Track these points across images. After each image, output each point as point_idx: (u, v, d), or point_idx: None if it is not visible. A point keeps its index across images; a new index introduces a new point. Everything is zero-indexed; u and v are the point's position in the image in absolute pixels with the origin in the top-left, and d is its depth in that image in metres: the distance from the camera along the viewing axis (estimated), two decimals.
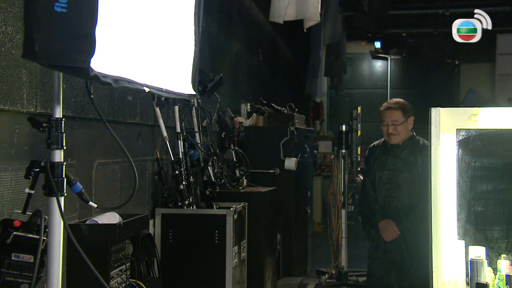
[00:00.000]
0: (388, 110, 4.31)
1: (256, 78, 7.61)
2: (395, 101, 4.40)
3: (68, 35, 1.60)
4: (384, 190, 4.34)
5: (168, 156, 4.15)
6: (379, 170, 4.36)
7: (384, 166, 4.34)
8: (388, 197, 4.32)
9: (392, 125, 4.26)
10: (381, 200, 4.35)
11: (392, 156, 4.33)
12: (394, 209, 4.29)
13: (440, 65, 16.21)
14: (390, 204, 4.30)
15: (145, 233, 3.29)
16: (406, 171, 4.26)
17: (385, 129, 4.31)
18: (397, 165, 4.29)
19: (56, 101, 1.87)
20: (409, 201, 4.24)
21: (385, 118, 4.32)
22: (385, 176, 4.33)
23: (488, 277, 2.41)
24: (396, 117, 4.27)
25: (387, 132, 4.29)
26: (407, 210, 4.24)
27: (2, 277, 2.04)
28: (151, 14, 2.16)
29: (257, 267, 4.66)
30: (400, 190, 4.28)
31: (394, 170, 4.30)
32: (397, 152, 4.32)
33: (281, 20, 6.65)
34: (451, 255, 2.49)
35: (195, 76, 2.54)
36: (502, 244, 2.60)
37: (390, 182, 4.31)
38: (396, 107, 4.29)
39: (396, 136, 4.27)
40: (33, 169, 1.91)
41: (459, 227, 2.55)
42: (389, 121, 4.28)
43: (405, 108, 4.29)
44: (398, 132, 4.27)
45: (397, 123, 4.25)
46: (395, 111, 4.28)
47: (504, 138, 2.59)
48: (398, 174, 4.28)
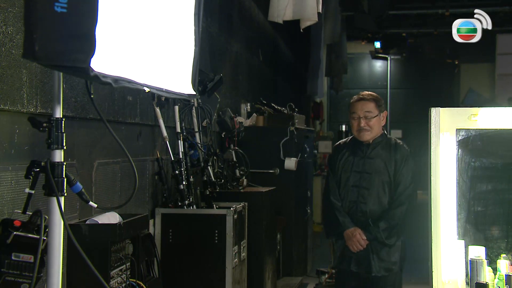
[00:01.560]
0: (360, 101, 3.79)
1: (256, 78, 7.61)
2: (367, 92, 3.89)
3: (68, 35, 1.60)
4: (350, 194, 3.81)
5: (168, 156, 4.15)
6: (345, 172, 3.84)
7: (351, 167, 3.82)
8: (355, 202, 3.79)
9: (365, 118, 3.74)
10: (347, 206, 3.82)
11: (361, 156, 3.81)
12: (362, 215, 3.77)
13: (440, 65, 16.22)
14: (357, 210, 3.78)
15: (145, 233, 3.29)
16: (376, 173, 3.76)
17: (356, 123, 3.77)
18: (367, 166, 3.79)
19: (56, 101, 1.87)
20: (380, 207, 3.75)
21: (356, 110, 3.78)
22: (352, 179, 3.80)
23: (488, 277, 2.41)
24: (369, 109, 3.76)
25: (358, 127, 3.76)
26: (377, 217, 3.74)
27: (2, 277, 2.04)
28: (151, 14, 2.16)
29: (257, 267, 4.66)
30: (369, 194, 3.76)
31: (363, 172, 3.79)
32: (366, 152, 3.80)
33: (280, 20, 6.65)
34: (451, 255, 2.49)
35: (195, 76, 2.54)
36: (501, 244, 2.60)
37: (358, 185, 3.79)
38: (369, 98, 3.79)
39: (368, 132, 3.75)
40: (33, 169, 1.91)
41: (459, 227, 2.55)
42: (361, 113, 3.75)
43: (378, 101, 3.82)
44: (371, 127, 3.75)
45: (371, 115, 3.74)
46: (368, 102, 3.77)
47: (504, 138, 2.60)
48: (367, 176, 3.77)
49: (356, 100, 3.83)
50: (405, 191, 3.70)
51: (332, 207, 3.83)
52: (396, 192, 3.71)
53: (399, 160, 3.73)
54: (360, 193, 3.78)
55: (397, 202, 3.70)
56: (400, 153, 3.74)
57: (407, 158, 3.74)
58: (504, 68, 14.52)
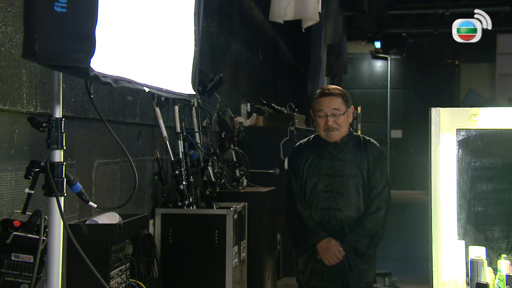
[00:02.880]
0: (327, 97, 3.37)
1: (256, 78, 7.61)
2: (333, 87, 3.48)
3: (68, 35, 1.60)
4: (322, 200, 3.38)
5: (168, 156, 4.15)
6: (312, 176, 3.41)
7: (319, 170, 3.40)
8: (327, 209, 3.36)
9: (332, 116, 3.33)
10: (318, 214, 3.38)
11: (329, 158, 3.40)
12: (336, 224, 3.35)
13: (440, 65, 16.24)
14: (331, 218, 3.36)
15: (145, 233, 3.29)
16: (348, 176, 3.37)
17: (323, 122, 3.36)
18: (337, 169, 3.39)
19: (56, 101, 1.87)
20: (356, 213, 3.35)
21: (322, 107, 3.35)
22: (321, 183, 3.39)
23: (488, 277, 2.41)
24: (337, 105, 3.35)
25: (326, 126, 3.35)
26: (353, 224, 3.34)
27: (2, 277, 2.04)
28: (151, 14, 2.16)
29: (257, 267, 4.66)
30: (343, 199, 3.35)
31: (334, 175, 3.38)
32: (334, 153, 3.40)
33: (281, 20, 6.65)
34: (451, 255, 2.49)
35: (195, 76, 2.54)
36: (502, 244, 2.60)
37: (329, 190, 3.37)
38: (336, 93, 3.39)
39: (337, 131, 3.35)
40: (33, 169, 1.90)
41: (459, 227, 2.55)
42: (328, 110, 3.34)
43: (345, 96, 3.42)
44: (339, 125, 3.35)
45: (339, 112, 3.34)
46: (335, 98, 3.37)
47: (504, 138, 2.59)
48: (339, 180, 3.37)
49: (321, 95, 3.40)
50: (381, 193, 3.35)
51: (300, 216, 3.39)
52: (372, 195, 3.35)
53: (372, 160, 3.38)
54: (333, 199, 3.36)
55: (374, 206, 3.33)
56: (372, 152, 3.40)
57: (379, 157, 3.40)
58: (504, 68, 14.54)
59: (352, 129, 3.50)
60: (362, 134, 3.55)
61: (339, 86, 3.57)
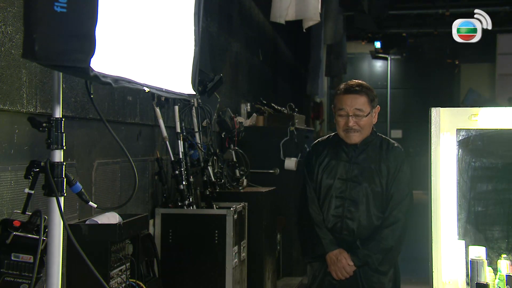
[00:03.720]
0: (350, 94, 3.06)
1: (256, 78, 7.61)
2: (357, 82, 3.14)
3: (68, 35, 1.60)
4: (334, 207, 3.10)
5: (168, 156, 4.15)
6: (327, 179, 3.13)
7: (335, 173, 3.12)
8: (339, 217, 3.08)
9: (355, 117, 3.05)
10: (329, 221, 3.11)
11: (346, 160, 3.12)
12: (348, 234, 3.07)
13: (440, 65, 16.24)
14: (342, 227, 3.08)
15: (145, 233, 3.29)
16: (365, 182, 3.08)
17: (343, 121, 3.07)
18: (354, 173, 3.09)
19: (56, 101, 1.87)
20: (370, 224, 3.06)
21: (344, 105, 3.06)
22: (335, 188, 3.10)
23: (489, 277, 2.40)
24: (361, 105, 3.05)
25: (346, 126, 3.06)
26: (367, 236, 3.06)
27: (2, 277, 2.04)
28: (151, 14, 2.16)
29: (257, 267, 4.66)
30: (357, 207, 3.07)
31: (349, 180, 3.09)
32: (353, 155, 3.11)
33: (283, 20, 6.66)
34: (451, 255, 2.49)
35: (195, 76, 2.54)
36: (502, 244, 2.59)
37: (343, 196, 3.09)
38: (361, 91, 3.07)
39: (357, 133, 3.07)
40: (33, 169, 1.90)
41: (459, 227, 2.55)
42: (350, 110, 3.04)
43: (371, 94, 3.10)
44: (361, 127, 3.06)
45: (362, 113, 3.05)
46: (359, 97, 3.06)
47: (504, 138, 2.59)
48: (355, 186, 3.08)
49: (345, 92, 3.09)
50: (401, 204, 3.06)
51: (311, 221, 3.12)
52: (390, 205, 3.06)
53: (393, 165, 3.09)
54: (346, 206, 3.08)
55: (392, 218, 3.04)
56: (393, 157, 3.11)
57: (402, 163, 3.11)
58: (504, 68, 14.55)
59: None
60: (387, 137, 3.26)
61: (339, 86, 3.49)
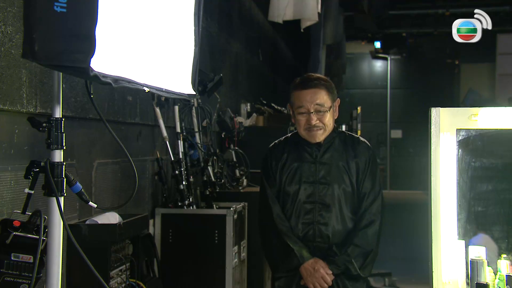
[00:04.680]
0: (309, 89, 2.80)
1: (256, 78, 7.60)
2: (315, 76, 2.89)
3: (68, 35, 1.59)
4: (304, 213, 2.83)
5: (168, 156, 4.15)
6: (291, 184, 2.86)
7: (300, 177, 2.85)
8: (311, 224, 2.82)
9: (316, 113, 2.78)
10: (299, 229, 2.83)
11: (311, 161, 2.85)
12: (322, 240, 2.82)
13: (440, 65, 16.25)
14: (315, 235, 2.82)
15: (145, 233, 3.30)
16: (335, 182, 2.83)
17: (304, 120, 2.80)
18: (321, 174, 2.84)
19: (56, 101, 1.87)
20: (344, 227, 2.82)
21: (304, 102, 2.79)
22: (303, 192, 2.84)
23: (489, 277, 2.40)
24: (322, 100, 2.79)
25: (307, 124, 2.80)
26: (342, 241, 2.81)
27: (2, 277, 2.04)
28: (151, 14, 2.16)
29: (257, 267, 4.66)
30: (329, 211, 2.81)
31: (317, 182, 2.83)
32: (317, 155, 2.85)
33: (281, 20, 6.66)
34: (451, 255, 2.48)
35: (195, 76, 2.54)
36: (502, 244, 2.59)
37: (312, 200, 2.83)
38: (319, 84, 2.81)
39: (321, 130, 2.81)
40: (33, 169, 1.90)
41: (459, 227, 2.55)
42: (311, 107, 2.77)
43: (330, 86, 2.85)
44: (325, 124, 2.81)
45: (323, 109, 2.79)
46: (319, 91, 2.79)
47: (504, 138, 2.59)
48: (324, 188, 2.83)
49: (302, 87, 2.82)
50: (374, 203, 2.83)
51: (278, 231, 2.84)
52: (363, 205, 2.84)
53: (362, 162, 2.86)
54: (317, 211, 2.82)
55: (367, 218, 2.82)
56: (361, 153, 2.88)
57: (370, 159, 2.88)
58: (504, 68, 14.57)
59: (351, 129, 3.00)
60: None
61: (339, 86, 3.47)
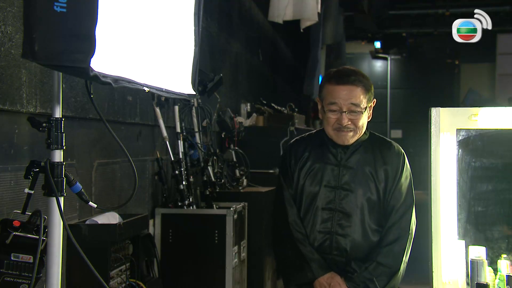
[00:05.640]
0: (345, 85, 2.46)
1: (256, 78, 7.60)
2: (352, 69, 2.55)
3: (68, 35, 1.59)
4: (320, 221, 2.54)
5: (168, 156, 4.15)
6: (311, 186, 2.57)
7: (320, 179, 2.56)
8: (328, 234, 2.53)
9: (349, 113, 2.47)
10: (315, 238, 2.54)
11: (335, 163, 2.57)
12: (339, 254, 2.53)
13: (440, 65, 16.24)
14: (332, 247, 2.53)
15: (145, 233, 3.30)
16: (359, 189, 2.54)
17: (334, 119, 2.49)
18: (344, 179, 2.55)
19: (56, 101, 1.87)
20: (365, 240, 2.53)
21: (337, 99, 2.46)
22: (322, 197, 2.54)
23: (489, 277, 2.40)
24: (357, 99, 2.47)
25: (338, 124, 2.49)
26: (363, 256, 2.53)
27: (2, 277, 2.04)
28: (151, 14, 2.16)
29: (257, 267, 4.66)
30: (349, 221, 2.52)
31: (339, 188, 2.54)
32: (343, 157, 2.57)
33: (281, 20, 6.66)
34: (451, 255, 2.48)
35: (195, 76, 2.54)
36: (502, 244, 2.59)
37: (332, 207, 2.53)
38: (357, 81, 2.48)
39: (351, 133, 2.51)
40: (33, 169, 1.90)
41: (459, 227, 2.55)
42: (344, 105, 2.46)
43: (368, 84, 2.53)
44: (357, 126, 2.50)
45: (358, 109, 2.47)
46: (355, 89, 2.47)
47: (504, 138, 2.59)
48: (346, 195, 2.53)
49: (338, 81, 2.48)
50: (403, 217, 2.55)
51: (292, 238, 2.53)
52: (391, 218, 2.55)
53: (392, 170, 2.58)
54: (336, 220, 2.53)
55: (394, 233, 2.53)
56: (393, 158, 2.60)
57: (403, 166, 2.60)
58: (504, 68, 14.56)
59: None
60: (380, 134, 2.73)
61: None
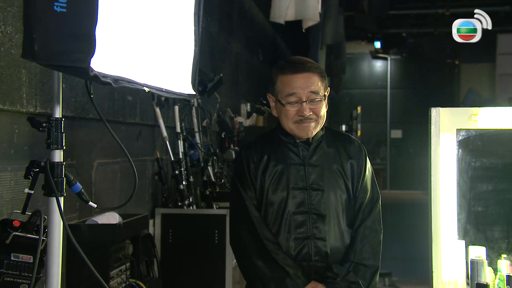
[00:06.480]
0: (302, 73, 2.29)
1: (256, 78, 7.61)
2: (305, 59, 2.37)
3: (68, 35, 1.59)
4: (295, 226, 2.29)
5: (168, 156, 4.15)
6: (277, 191, 2.31)
7: (286, 182, 2.31)
8: (306, 239, 2.28)
9: (310, 102, 2.28)
10: (291, 247, 2.29)
11: (299, 162, 2.33)
12: (319, 259, 2.29)
13: (440, 65, 16.25)
14: (311, 253, 2.29)
15: (145, 233, 3.30)
16: (329, 188, 2.32)
17: (294, 111, 2.29)
18: (312, 178, 2.32)
19: (55, 101, 1.87)
20: (342, 243, 2.32)
21: (295, 89, 2.27)
22: (291, 201, 2.30)
23: (489, 277, 2.40)
24: (316, 87, 2.29)
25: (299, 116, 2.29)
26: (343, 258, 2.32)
27: (2, 277, 2.04)
28: (151, 14, 2.16)
29: None
30: (325, 223, 2.29)
31: (308, 188, 2.31)
32: (306, 155, 2.34)
33: (282, 21, 6.67)
34: (451, 255, 2.48)
35: (195, 76, 2.54)
36: (502, 244, 2.59)
37: (305, 210, 2.30)
38: (313, 68, 2.31)
39: (314, 123, 2.31)
40: (33, 169, 1.90)
41: (459, 227, 2.55)
42: (304, 94, 2.27)
43: (323, 73, 2.37)
44: (319, 116, 2.31)
45: (318, 97, 2.29)
46: (313, 76, 2.29)
47: (504, 138, 2.59)
48: (318, 195, 2.31)
49: (292, 70, 2.30)
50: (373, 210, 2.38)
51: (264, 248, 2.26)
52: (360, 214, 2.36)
53: (357, 163, 2.39)
54: (312, 223, 2.30)
55: (369, 229, 2.35)
56: (355, 152, 2.41)
57: (365, 159, 2.42)
58: (504, 68, 14.57)
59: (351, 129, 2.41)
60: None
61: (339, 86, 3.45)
